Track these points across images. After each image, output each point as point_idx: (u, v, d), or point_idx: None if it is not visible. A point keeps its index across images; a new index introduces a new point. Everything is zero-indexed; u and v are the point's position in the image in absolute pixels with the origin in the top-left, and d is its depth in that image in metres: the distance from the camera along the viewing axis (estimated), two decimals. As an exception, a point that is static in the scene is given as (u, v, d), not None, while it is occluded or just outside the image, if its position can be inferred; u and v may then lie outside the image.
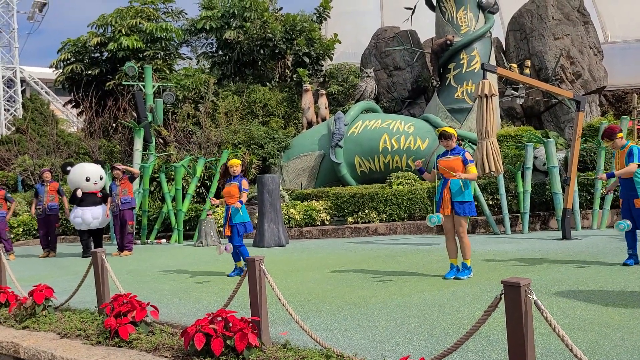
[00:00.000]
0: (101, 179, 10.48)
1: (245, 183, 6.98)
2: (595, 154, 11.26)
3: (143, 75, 15.91)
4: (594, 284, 5.40)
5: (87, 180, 10.25)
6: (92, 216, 10.15)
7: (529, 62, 15.16)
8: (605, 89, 16.36)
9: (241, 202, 6.86)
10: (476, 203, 11.09)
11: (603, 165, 10.64)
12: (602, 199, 10.55)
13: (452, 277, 6.07)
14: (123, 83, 16.40)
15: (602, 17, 19.42)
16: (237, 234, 6.94)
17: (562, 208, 9.61)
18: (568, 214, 9.41)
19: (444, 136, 6.20)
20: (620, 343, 3.55)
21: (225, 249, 6.54)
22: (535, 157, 11.36)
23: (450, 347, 3.01)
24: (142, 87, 15.48)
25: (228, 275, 7.03)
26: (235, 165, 7.01)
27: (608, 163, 10.87)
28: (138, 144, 13.61)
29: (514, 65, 15.15)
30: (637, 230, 6.50)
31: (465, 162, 6.07)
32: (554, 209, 10.42)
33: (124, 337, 4.08)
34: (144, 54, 18.09)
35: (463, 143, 11.74)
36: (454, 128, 9.89)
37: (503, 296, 2.75)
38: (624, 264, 6.37)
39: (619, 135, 6.71)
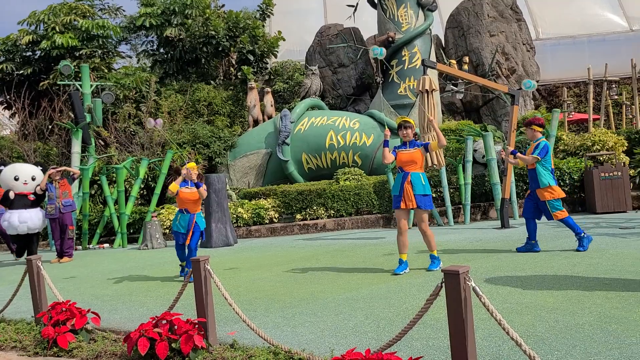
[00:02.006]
0: (33, 179, 9.91)
1: (204, 192, 6.70)
2: (529, 145, 11.74)
3: (80, 75, 15.32)
4: (530, 269, 5.66)
5: (16, 179, 9.64)
6: (19, 220, 9.50)
7: (467, 58, 15.64)
8: (538, 84, 17.09)
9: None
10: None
11: (538, 157, 11.12)
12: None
13: (403, 272, 5.97)
14: (58, 83, 15.72)
15: (534, 15, 20.30)
16: (198, 240, 6.79)
17: (501, 198, 9.99)
18: (506, 204, 9.80)
19: (404, 126, 6.10)
20: (554, 324, 3.73)
21: (156, 124, 6.06)
22: (475, 150, 11.75)
23: (394, 337, 3.08)
24: (78, 87, 14.91)
25: (180, 275, 6.89)
26: (195, 169, 6.74)
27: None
28: (76, 146, 13.10)
29: (453, 61, 15.60)
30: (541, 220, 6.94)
31: (427, 149, 6.15)
32: (494, 200, 10.83)
33: (63, 347, 3.94)
34: (80, 53, 17.41)
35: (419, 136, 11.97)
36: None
37: (444, 284, 2.84)
38: (518, 250, 6.87)
39: (537, 128, 6.90)
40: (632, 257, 5.88)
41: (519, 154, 7.05)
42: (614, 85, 16.34)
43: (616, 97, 16.56)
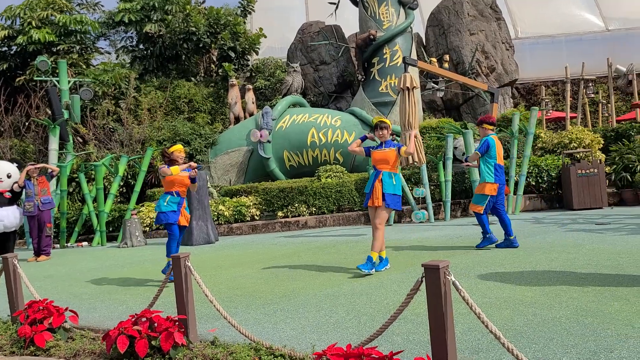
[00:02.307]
0: (9, 177, 9.71)
1: (195, 187, 6.73)
2: (509, 142, 11.90)
3: (57, 71, 15.06)
4: (509, 264, 5.73)
5: None
6: None
7: (447, 57, 15.77)
8: (517, 82, 17.33)
9: None
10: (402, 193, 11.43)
11: (516, 153, 11.28)
12: (516, 185, 11.20)
13: (384, 269, 5.96)
14: (35, 79, 15.44)
15: (513, 15, 20.55)
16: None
17: (481, 195, 10.08)
18: (486, 201, 9.89)
19: (379, 126, 6.11)
20: (532, 318, 3.79)
21: (261, 136, 5.68)
22: (455, 148, 11.86)
23: (375, 332, 3.10)
24: (56, 83, 14.65)
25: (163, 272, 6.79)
26: (182, 151, 6.55)
27: (521, 151, 11.54)
28: (54, 143, 12.88)
29: (434, 59, 15.71)
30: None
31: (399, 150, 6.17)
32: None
33: (40, 345, 3.87)
34: (58, 48, 17.11)
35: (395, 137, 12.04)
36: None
37: (424, 279, 2.86)
38: (477, 247, 7.07)
39: (487, 126, 7.15)
40: (608, 252, 6.00)
41: (469, 157, 7.16)
42: (590, 84, 16.64)
43: (593, 95, 16.86)
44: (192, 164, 6.49)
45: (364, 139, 6.33)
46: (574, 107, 17.40)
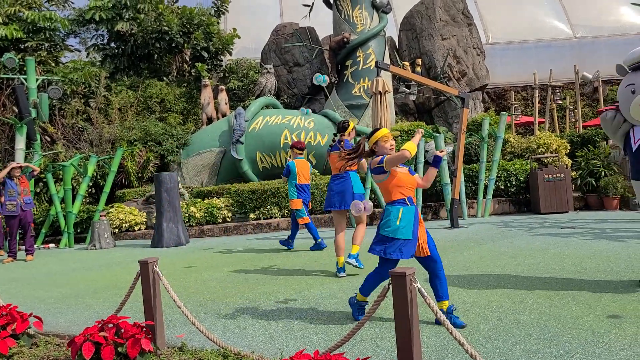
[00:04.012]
0: None
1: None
2: (478, 147, 12.11)
3: (24, 68, 14.71)
4: (477, 268, 5.84)
5: None
6: None
7: (420, 61, 15.94)
8: (487, 87, 17.63)
9: None
10: (373, 196, 11.53)
11: (486, 158, 11.49)
12: (486, 188, 11.41)
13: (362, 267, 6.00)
14: (1, 76, 15.04)
15: (484, 20, 20.91)
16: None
17: (451, 199, 10.25)
18: (455, 204, 10.06)
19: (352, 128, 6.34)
20: (497, 322, 3.88)
21: (365, 208, 5.06)
22: (426, 151, 12.01)
23: (343, 338, 3.12)
24: (23, 81, 14.30)
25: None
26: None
27: (490, 155, 11.75)
28: (20, 142, 12.57)
29: (407, 63, 15.87)
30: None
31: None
32: (444, 200, 11.09)
33: (3, 352, 3.78)
34: (26, 45, 16.69)
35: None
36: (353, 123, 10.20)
37: (391, 286, 2.91)
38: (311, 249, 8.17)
39: (297, 151, 8.22)
40: (572, 257, 6.16)
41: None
42: (558, 91, 17.03)
43: (560, 101, 17.26)
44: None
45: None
46: (542, 112, 17.79)
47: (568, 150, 12.75)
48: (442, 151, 4.13)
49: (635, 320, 3.72)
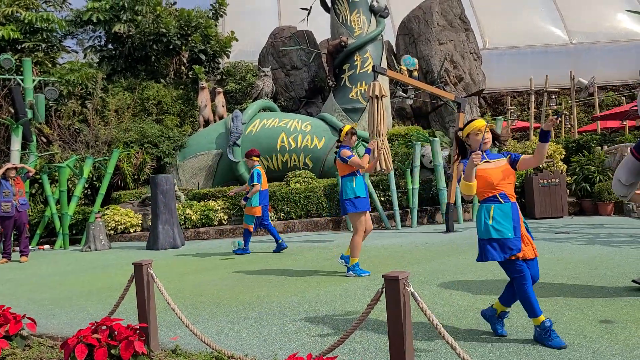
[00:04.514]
0: None
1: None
2: (475, 152, 12.13)
3: (21, 69, 14.69)
4: (471, 273, 5.86)
5: None
6: None
7: (417, 65, 15.97)
8: (484, 92, 17.69)
9: None
10: (370, 200, 11.54)
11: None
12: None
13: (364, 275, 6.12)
14: (-2, 76, 15.03)
15: (481, 26, 21.00)
16: None
17: (446, 203, 10.28)
18: (451, 208, 10.09)
19: (354, 133, 6.41)
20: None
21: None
22: (422, 155, 12.04)
23: (336, 342, 3.13)
24: (20, 81, 14.29)
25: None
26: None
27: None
28: (16, 143, 12.56)
29: (404, 67, 15.91)
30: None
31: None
32: (440, 204, 11.12)
33: (-4, 354, 3.78)
34: (23, 46, 16.69)
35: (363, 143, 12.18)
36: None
37: (384, 289, 2.91)
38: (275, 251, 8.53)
39: (255, 159, 8.80)
40: (565, 262, 6.19)
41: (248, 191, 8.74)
42: (553, 96, 17.11)
43: (556, 107, 17.35)
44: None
45: (368, 152, 6.36)
46: (538, 117, 17.87)
47: (563, 156, 12.81)
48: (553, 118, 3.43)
49: (627, 325, 3.74)
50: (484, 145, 3.68)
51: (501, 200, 3.58)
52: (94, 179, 13.25)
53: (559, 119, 3.32)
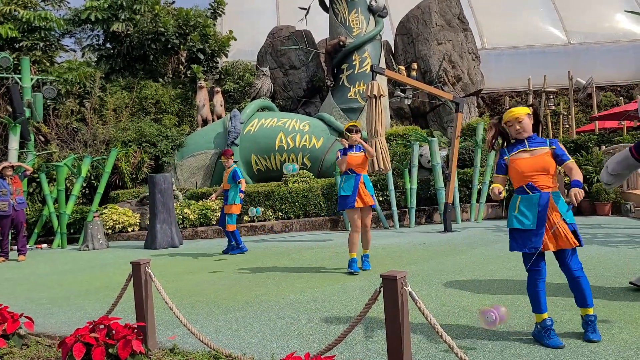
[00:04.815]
0: None
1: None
2: (472, 151, 12.16)
3: (19, 68, 14.67)
4: (469, 273, 5.86)
5: None
6: None
7: (415, 65, 16.00)
8: (482, 92, 17.71)
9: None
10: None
11: (480, 162, 11.54)
12: (479, 193, 11.45)
13: (358, 271, 6.25)
14: (-5, 75, 15.01)
15: (480, 26, 21.01)
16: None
17: (444, 203, 10.28)
18: (449, 208, 10.10)
19: (354, 130, 6.45)
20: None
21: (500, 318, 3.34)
22: (420, 155, 12.04)
23: (334, 341, 3.13)
24: (18, 80, 14.27)
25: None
26: None
27: (484, 160, 11.80)
28: (14, 142, 12.54)
29: (402, 67, 15.92)
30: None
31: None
32: (438, 204, 11.12)
33: (-7, 353, 3.77)
34: (21, 45, 16.67)
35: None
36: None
37: (382, 289, 2.92)
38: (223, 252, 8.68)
39: (231, 157, 8.80)
40: (563, 261, 6.19)
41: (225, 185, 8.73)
42: (552, 96, 17.13)
43: (554, 107, 17.36)
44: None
45: (344, 152, 6.47)
46: (536, 117, 17.87)
47: (561, 156, 12.79)
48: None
49: (624, 325, 3.74)
50: (519, 134, 3.65)
51: (528, 191, 3.57)
52: (92, 178, 13.24)
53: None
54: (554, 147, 3.64)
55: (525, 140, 3.66)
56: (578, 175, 3.56)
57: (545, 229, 3.50)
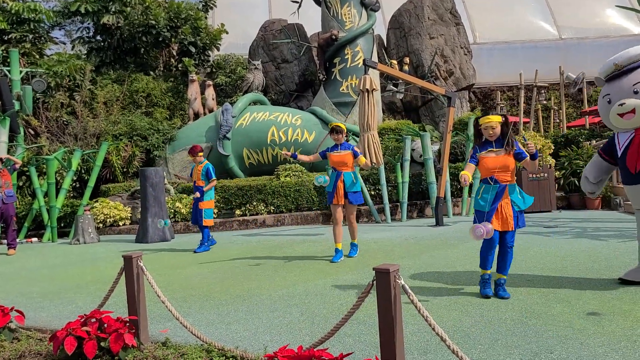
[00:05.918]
0: None
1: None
2: (464, 146, 12.20)
3: (8, 60, 14.51)
4: (460, 266, 5.90)
5: None
6: None
7: (407, 59, 16.00)
8: (474, 86, 17.75)
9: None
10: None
11: (472, 157, 11.57)
12: (470, 187, 11.50)
13: (339, 260, 6.65)
14: (-16, 67, 14.83)
15: (472, 20, 21.04)
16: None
17: (436, 197, 10.32)
18: (441, 202, 10.14)
19: (336, 131, 6.77)
20: (479, 319, 3.92)
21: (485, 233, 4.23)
22: (412, 150, 12.07)
23: (326, 334, 3.14)
24: (7, 73, 14.12)
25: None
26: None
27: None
28: (3, 135, 12.41)
29: (394, 61, 15.92)
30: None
31: (355, 155, 6.78)
32: (429, 198, 11.16)
33: (-17, 347, 3.75)
34: (9, 37, 16.48)
35: (348, 137, 12.19)
36: (341, 122, 10.38)
37: (375, 282, 2.92)
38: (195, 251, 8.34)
39: (200, 153, 8.55)
40: (553, 255, 6.25)
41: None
42: (543, 91, 17.21)
43: (545, 102, 17.45)
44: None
45: (323, 155, 6.99)
46: (527, 112, 17.97)
47: (552, 150, 12.90)
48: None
49: (614, 317, 3.78)
50: (490, 137, 4.56)
51: (491, 182, 4.51)
52: (83, 171, 13.14)
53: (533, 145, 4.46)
54: (514, 148, 4.54)
55: (494, 142, 4.59)
56: (532, 160, 4.56)
57: (496, 212, 4.45)
